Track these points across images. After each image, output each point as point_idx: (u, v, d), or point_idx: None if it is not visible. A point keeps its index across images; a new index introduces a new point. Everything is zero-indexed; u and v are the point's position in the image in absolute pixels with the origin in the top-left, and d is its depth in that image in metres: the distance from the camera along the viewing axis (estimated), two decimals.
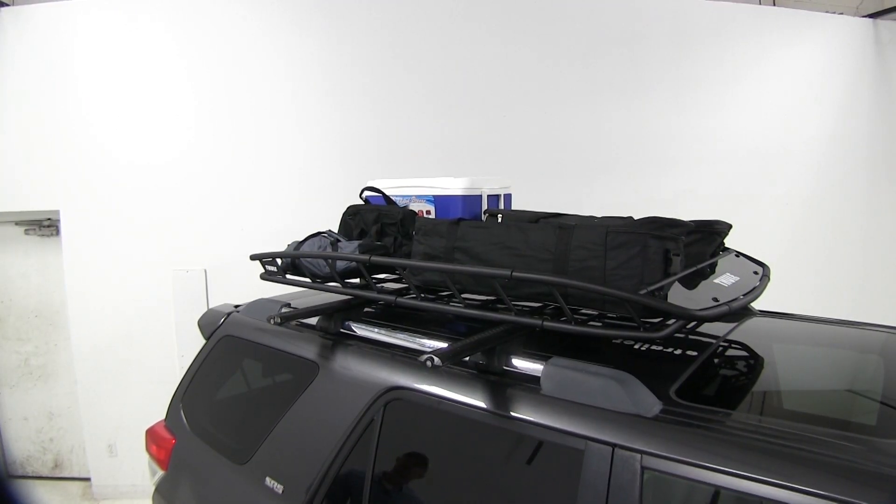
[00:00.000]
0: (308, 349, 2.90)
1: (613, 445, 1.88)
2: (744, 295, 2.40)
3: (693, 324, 2.54)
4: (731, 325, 2.81)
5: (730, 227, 2.80)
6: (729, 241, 2.93)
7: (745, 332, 2.81)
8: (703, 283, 2.42)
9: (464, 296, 2.54)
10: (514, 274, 2.22)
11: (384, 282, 3.15)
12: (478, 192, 3.25)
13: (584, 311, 2.39)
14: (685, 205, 6.13)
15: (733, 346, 2.68)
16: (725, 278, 2.53)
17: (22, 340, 6.10)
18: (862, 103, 6.91)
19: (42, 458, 6.27)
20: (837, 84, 6.83)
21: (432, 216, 3.20)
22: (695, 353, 2.42)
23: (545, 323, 2.20)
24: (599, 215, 2.84)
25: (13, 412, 6.18)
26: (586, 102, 6.15)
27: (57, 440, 6.23)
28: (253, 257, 3.24)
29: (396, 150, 5.73)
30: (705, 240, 2.62)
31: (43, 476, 6.28)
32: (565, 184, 6.01)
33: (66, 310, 5.78)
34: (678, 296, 2.18)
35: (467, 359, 2.38)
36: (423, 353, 2.11)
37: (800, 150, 6.73)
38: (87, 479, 6.08)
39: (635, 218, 2.41)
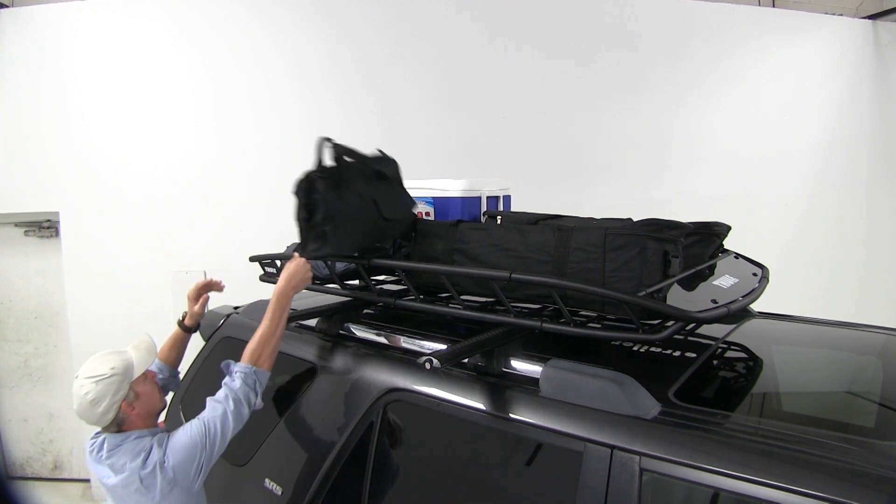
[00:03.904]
0: (307, 351, 2.90)
1: (612, 447, 1.89)
2: (742, 297, 2.41)
3: (692, 325, 2.54)
4: (730, 327, 2.81)
5: (729, 228, 2.80)
6: (728, 243, 2.93)
7: (744, 333, 2.81)
8: (702, 284, 2.43)
9: (463, 297, 2.54)
10: (513, 276, 2.22)
11: (384, 283, 3.15)
12: (477, 194, 3.25)
13: (583, 312, 2.39)
14: (685, 206, 6.13)
15: (732, 347, 2.68)
16: (724, 280, 2.53)
17: (21, 342, 6.11)
18: (861, 104, 6.93)
19: (42, 459, 6.28)
20: (837, 85, 6.85)
21: (431, 218, 3.21)
22: (693, 355, 2.43)
23: (544, 325, 2.20)
24: (598, 217, 2.83)
25: (13, 413, 6.19)
26: (586, 103, 6.17)
27: (57, 441, 6.23)
28: (252, 259, 3.24)
29: (396, 151, 5.72)
30: (704, 241, 2.61)
31: (43, 477, 6.28)
32: (564, 185, 6.01)
33: (66, 311, 5.78)
34: (677, 298, 2.18)
35: (466, 361, 2.39)
36: (423, 354, 2.11)
37: (799, 150, 6.75)
38: (87, 481, 6.08)
39: (634, 220, 2.42)
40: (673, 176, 6.35)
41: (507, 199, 3.51)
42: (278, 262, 3.11)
